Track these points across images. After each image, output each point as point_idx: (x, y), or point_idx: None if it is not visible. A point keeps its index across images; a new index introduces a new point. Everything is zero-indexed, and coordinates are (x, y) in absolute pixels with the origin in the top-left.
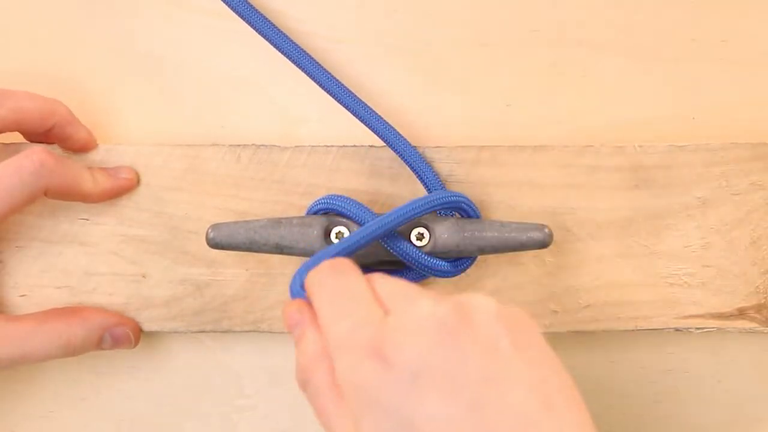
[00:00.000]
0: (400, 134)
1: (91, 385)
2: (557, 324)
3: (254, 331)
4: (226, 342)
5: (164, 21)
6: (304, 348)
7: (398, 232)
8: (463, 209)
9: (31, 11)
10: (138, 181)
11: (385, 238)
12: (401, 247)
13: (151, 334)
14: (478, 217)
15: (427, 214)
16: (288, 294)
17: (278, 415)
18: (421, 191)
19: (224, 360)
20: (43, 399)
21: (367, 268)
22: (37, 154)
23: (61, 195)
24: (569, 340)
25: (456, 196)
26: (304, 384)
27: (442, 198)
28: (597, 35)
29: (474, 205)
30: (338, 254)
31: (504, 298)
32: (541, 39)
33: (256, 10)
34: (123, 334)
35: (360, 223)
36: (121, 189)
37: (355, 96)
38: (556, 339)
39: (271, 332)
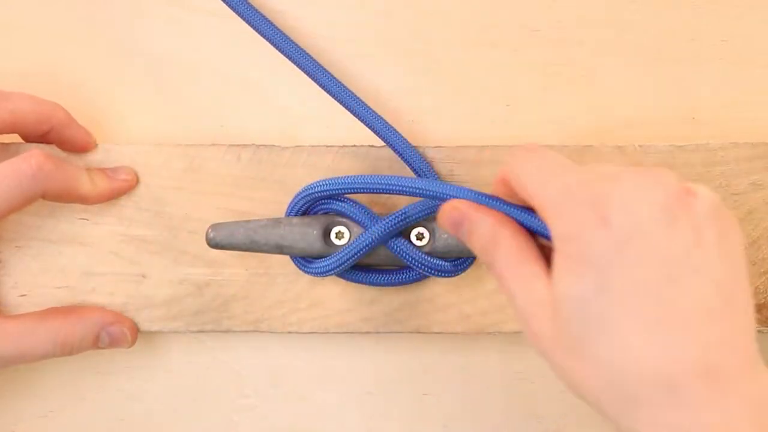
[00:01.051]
0: (399, 134)
1: (91, 385)
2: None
3: (254, 331)
4: (226, 342)
5: (164, 21)
6: (479, 230)
7: (398, 232)
8: None
9: (31, 11)
10: (137, 182)
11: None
12: (401, 247)
13: (151, 334)
14: None
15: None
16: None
17: (278, 415)
18: None
19: (224, 360)
20: (43, 399)
21: (367, 268)
22: (35, 157)
23: (59, 198)
24: None
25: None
26: (491, 262)
27: (437, 204)
28: (597, 35)
29: None
30: (343, 263)
31: (504, 299)
32: (541, 39)
33: (256, 10)
34: (120, 333)
35: (359, 223)
36: (120, 190)
37: (355, 96)
38: None
39: (271, 332)
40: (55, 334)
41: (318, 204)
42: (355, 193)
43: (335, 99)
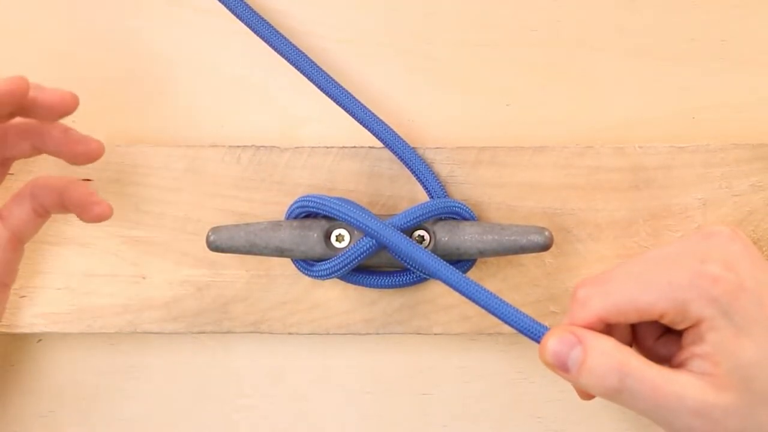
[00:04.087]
0: (398, 136)
1: (91, 385)
2: (557, 325)
3: (254, 332)
4: (226, 342)
5: (164, 21)
6: (600, 352)
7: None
8: (461, 215)
9: (31, 11)
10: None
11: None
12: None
13: (152, 335)
14: (474, 220)
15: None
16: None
17: (278, 415)
18: (421, 192)
19: (224, 360)
20: (43, 399)
21: (367, 270)
22: None
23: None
24: None
25: (454, 204)
26: (623, 381)
27: (439, 205)
28: (597, 35)
29: (471, 211)
30: (345, 267)
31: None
32: (541, 39)
33: (254, 11)
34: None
35: (360, 226)
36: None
37: (354, 98)
38: None
39: (271, 333)
40: None
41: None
42: (348, 222)
43: (334, 101)
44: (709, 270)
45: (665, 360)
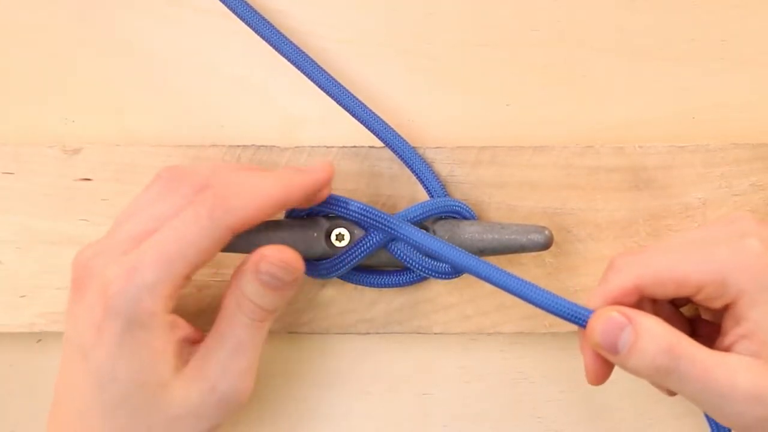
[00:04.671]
0: (399, 135)
1: None
2: (557, 324)
3: None
4: None
5: (164, 20)
6: (652, 333)
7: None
8: (461, 215)
9: (29, 11)
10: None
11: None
12: (401, 248)
13: None
14: (475, 219)
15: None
16: None
17: (279, 415)
18: (421, 192)
19: None
20: (43, 399)
21: (367, 269)
22: (208, 201)
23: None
24: (570, 340)
25: (454, 203)
26: (674, 363)
27: (440, 204)
28: (597, 35)
29: (472, 211)
30: (345, 266)
31: (504, 299)
32: (541, 39)
33: (255, 11)
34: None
35: (360, 225)
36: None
37: (354, 97)
38: (555, 339)
39: (271, 333)
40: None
41: (318, 207)
42: (356, 219)
43: (334, 100)
44: (749, 244)
45: None
